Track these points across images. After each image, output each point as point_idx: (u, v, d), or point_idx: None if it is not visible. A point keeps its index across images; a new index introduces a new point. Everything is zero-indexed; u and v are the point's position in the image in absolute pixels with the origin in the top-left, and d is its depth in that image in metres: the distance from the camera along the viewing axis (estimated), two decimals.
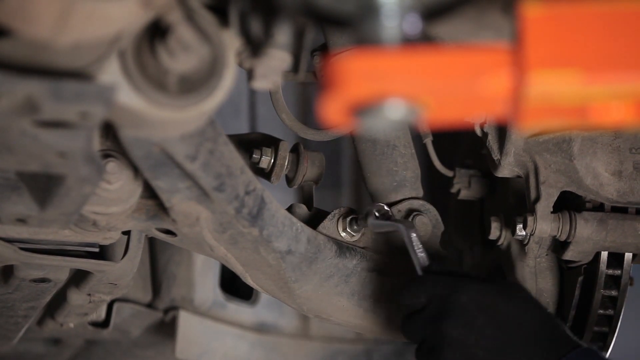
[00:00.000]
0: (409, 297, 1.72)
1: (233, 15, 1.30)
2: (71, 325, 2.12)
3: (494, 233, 1.97)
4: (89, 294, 1.89)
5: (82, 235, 1.64)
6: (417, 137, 1.99)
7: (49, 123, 1.24)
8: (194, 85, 1.30)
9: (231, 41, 1.32)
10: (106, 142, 1.50)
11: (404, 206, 1.90)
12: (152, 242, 2.38)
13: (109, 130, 1.46)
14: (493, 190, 2.14)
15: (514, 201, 2.03)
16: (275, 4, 1.18)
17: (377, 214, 1.82)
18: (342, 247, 1.83)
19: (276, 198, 1.70)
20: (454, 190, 2.15)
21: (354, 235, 1.86)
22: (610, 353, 1.93)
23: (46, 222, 1.53)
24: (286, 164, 1.86)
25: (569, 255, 1.87)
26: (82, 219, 1.57)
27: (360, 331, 1.97)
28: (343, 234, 1.86)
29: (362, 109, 1.08)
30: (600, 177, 1.85)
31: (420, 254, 1.76)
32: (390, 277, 1.86)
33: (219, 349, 2.50)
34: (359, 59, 1.07)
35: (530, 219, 1.86)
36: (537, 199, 1.86)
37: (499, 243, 1.98)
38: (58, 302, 1.97)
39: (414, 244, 1.77)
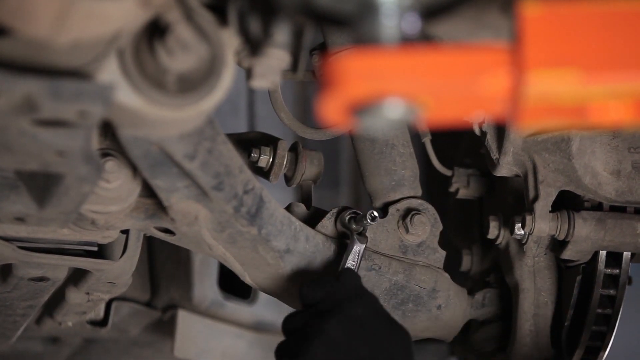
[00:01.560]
0: (307, 292, 1.73)
1: (232, 14, 1.29)
2: (70, 324, 2.11)
3: (492, 232, 1.97)
4: (88, 293, 1.89)
5: (80, 234, 1.64)
6: (415, 137, 1.99)
7: (47, 122, 1.24)
8: (192, 84, 1.30)
9: (230, 40, 1.32)
10: (105, 141, 1.50)
11: (402, 205, 1.90)
12: (150, 241, 2.38)
13: (107, 129, 1.46)
14: (492, 190, 2.14)
15: (513, 200, 2.03)
16: (274, 3, 1.18)
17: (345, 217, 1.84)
18: (341, 246, 1.83)
19: (275, 197, 1.70)
20: (452, 189, 2.14)
21: None
22: (608, 352, 1.93)
23: (45, 221, 1.53)
24: (285, 163, 1.86)
25: (567, 254, 1.88)
26: (81, 218, 1.57)
27: None
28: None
29: (361, 108, 1.08)
30: (598, 176, 1.85)
31: (350, 262, 1.78)
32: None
33: (218, 348, 2.50)
34: (358, 58, 1.07)
35: (528, 218, 1.85)
36: (536, 198, 1.86)
37: (498, 242, 1.98)
38: (56, 300, 1.97)
39: (352, 253, 1.79)
